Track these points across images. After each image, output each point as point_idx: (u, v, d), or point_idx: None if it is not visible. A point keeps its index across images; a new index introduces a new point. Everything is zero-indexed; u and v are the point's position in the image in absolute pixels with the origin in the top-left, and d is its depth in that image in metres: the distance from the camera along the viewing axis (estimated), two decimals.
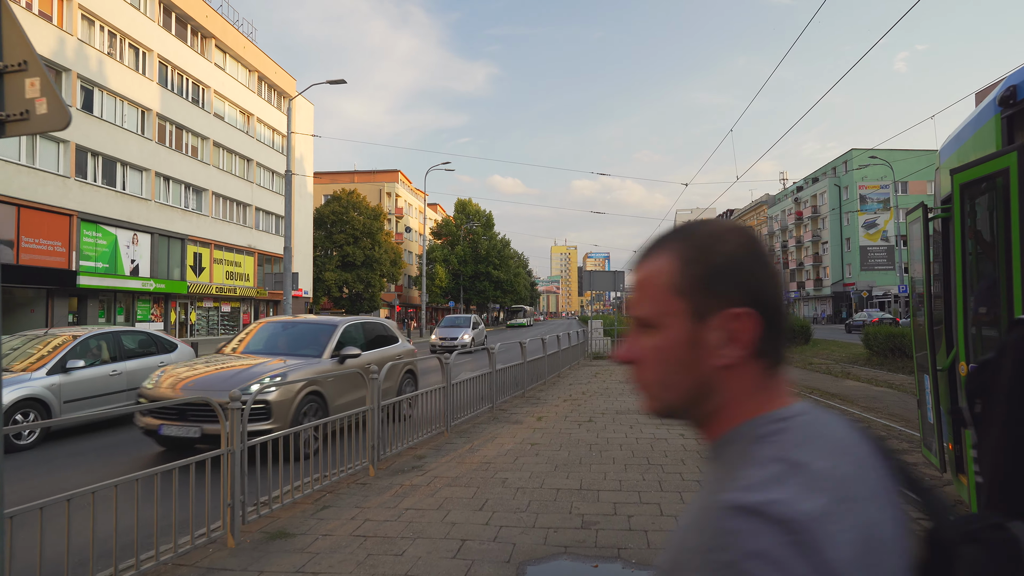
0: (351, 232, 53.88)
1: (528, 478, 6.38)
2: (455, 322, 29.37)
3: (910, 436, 8.64)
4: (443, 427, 8.61)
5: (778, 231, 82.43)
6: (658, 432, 8.70)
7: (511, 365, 12.37)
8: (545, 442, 8.14)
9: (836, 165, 70.09)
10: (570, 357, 19.16)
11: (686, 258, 0.78)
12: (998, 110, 3.84)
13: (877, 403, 11.69)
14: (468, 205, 78.84)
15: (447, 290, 72.35)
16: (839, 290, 66.54)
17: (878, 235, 63.86)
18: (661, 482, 6.19)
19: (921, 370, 5.45)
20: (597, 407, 11.01)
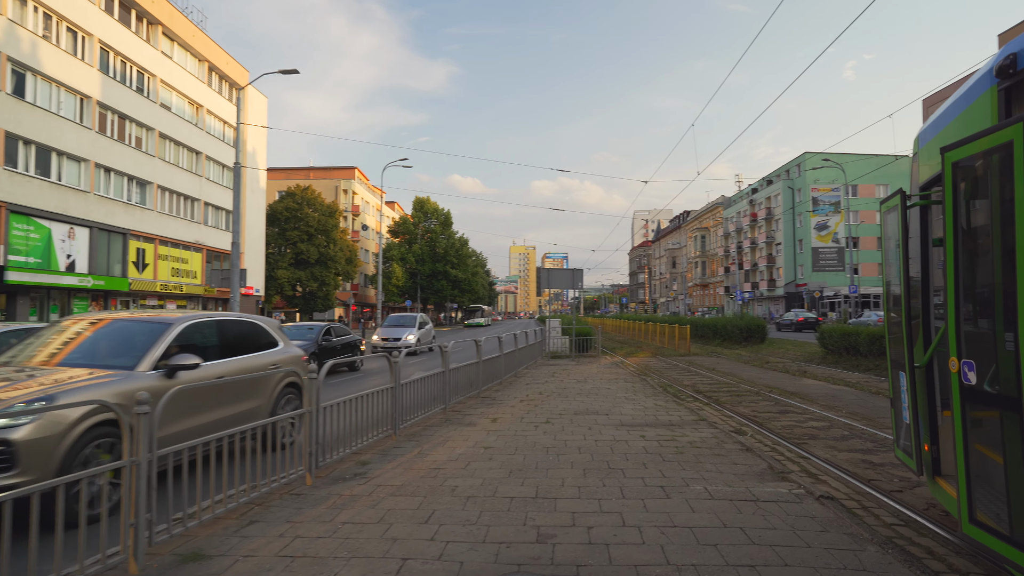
0: (305, 229, 52.54)
1: (480, 485, 5.89)
2: (400, 321, 27.62)
3: (873, 435, 8.43)
4: (391, 430, 8.05)
5: (733, 232, 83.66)
6: (618, 434, 8.30)
7: (466, 364, 11.87)
8: (499, 445, 7.66)
9: (790, 168, 71.43)
10: (527, 356, 18.73)
11: None
12: (994, 82, 3.50)
13: (837, 401, 11.55)
14: (426, 203, 77.93)
15: (404, 289, 71.33)
16: (792, 290, 67.81)
17: (829, 237, 65.26)
18: (623, 488, 5.76)
19: (896, 367, 5.14)
20: (555, 408, 10.58)
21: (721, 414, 10.20)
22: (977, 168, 3.45)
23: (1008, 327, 3.24)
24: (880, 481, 6.21)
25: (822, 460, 7.05)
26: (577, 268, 22.79)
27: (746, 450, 7.31)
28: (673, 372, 17.83)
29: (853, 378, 15.41)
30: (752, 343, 29.01)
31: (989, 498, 3.57)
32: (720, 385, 14.51)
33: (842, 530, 4.67)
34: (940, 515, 5.17)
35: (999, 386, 3.30)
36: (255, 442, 6.05)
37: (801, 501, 5.36)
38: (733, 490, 5.68)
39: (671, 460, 6.84)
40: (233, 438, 5.19)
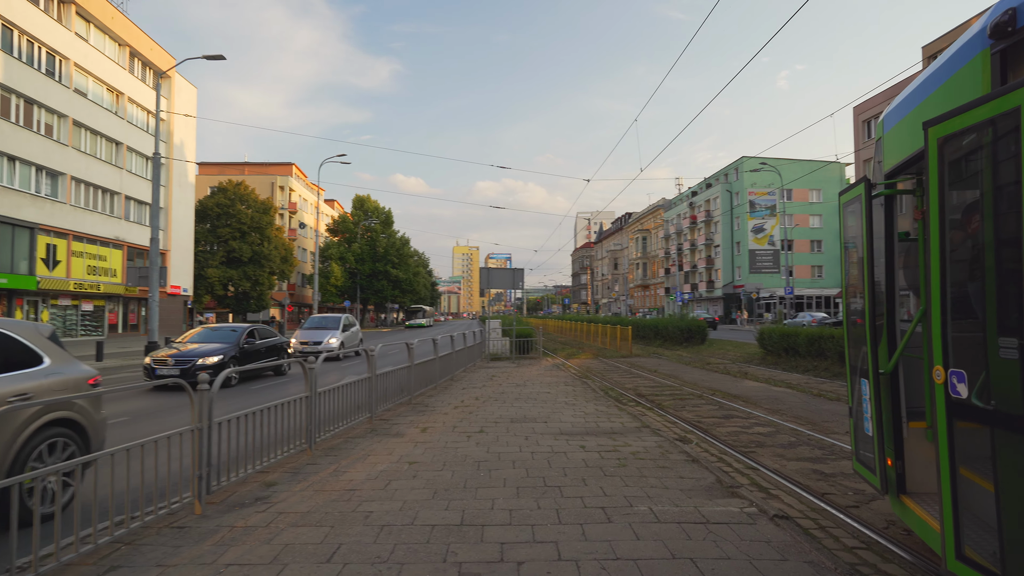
0: (238, 226, 50.36)
1: (398, 511, 5.16)
2: (322, 323, 24.97)
3: (820, 442, 8.07)
4: (306, 444, 7.23)
5: (674, 234, 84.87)
6: (557, 444, 7.69)
7: (397, 368, 11.08)
8: (426, 460, 6.94)
9: (728, 171, 72.87)
10: (465, 359, 18.02)
11: None
12: (988, 43, 3.01)
13: (780, 404, 11.27)
14: (367, 202, 76.17)
15: (343, 289, 69.44)
16: (730, 292, 69.16)
17: (765, 239, 66.83)
18: (559, 511, 5.13)
19: (859, 374, 4.67)
20: (490, 415, 9.91)
21: (665, 420, 9.73)
22: (971, 143, 2.94)
23: (1007, 331, 2.74)
24: (834, 495, 5.77)
25: (772, 471, 6.60)
26: (518, 268, 22.21)
27: (692, 461, 6.80)
28: (615, 374, 17.42)
29: (793, 379, 15.30)
30: (693, 344, 29.06)
31: (977, 531, 3.08)
32: (663, 388, 14.14)
33: (802, 557, 4.15)
34: (901, 534, 4.74)
35: (996, 401, 2.80)
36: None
37: (755, 522, 4.84)
38: (681, 510, 5.13)
39: (613, 474, 6.26)
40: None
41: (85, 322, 33.98)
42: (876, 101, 43.60)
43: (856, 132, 46.70)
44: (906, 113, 4.10)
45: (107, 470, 4.37)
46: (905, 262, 4.70)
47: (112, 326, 36.43)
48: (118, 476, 4.46)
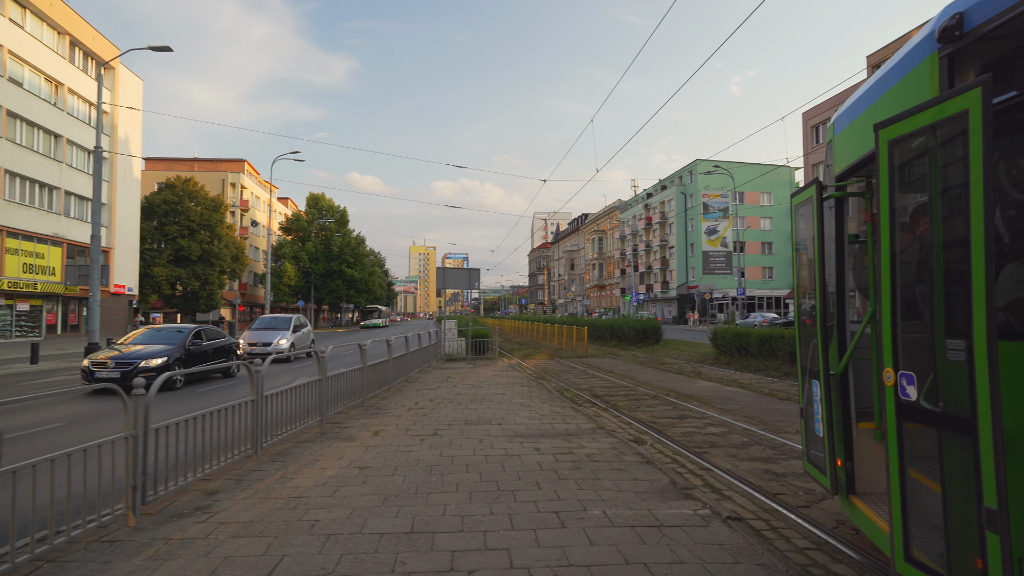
0: (186, 224, 48.92)
1: (346, 518, 4.98)
2: (272, 323, 23.96)
3: (772, 441, 8.17)
4: (252, 449, 6.96)
5: (629, 235, 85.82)
6: (511, 447, 7.60)
7: (350, 370, 10.83)
8: (377, 464, 6.76)
9: (683, 173, 74.06)
10: (420, 360, 17.80)
11: None
12: (936, 47, 3.02)
13: (733, 404, 11.41)
14: (321, 200, 74.88)
15: (297, 289, 68.09)
16: (684, 292, 70.27)
17: (718, 241, 68.14)
18: (512, 516, 5.03)
19: (809, 375, 4.70)
20: (444, 417, 9.76)
21: (620, 420, 9.74)
22: (920, 146, 2.94)
23: (955, 333, 2.74)
24: (786, 495, 5.82)
25: (725, 472, 6.63)
26: (475, 268, 22.07)
27: (646, 462, 6.78)
28: (571, 375, 17.44)
29: (745, 379, 15.55)
30: (648, 344, 29.36)
31: (925, 532, 3.10)
32: (618, 388, 14.19)
33: (754, 560, 4.14)
34: (851, 534, 4.78)
35: (944, 403, 2.80)
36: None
37: (708, 524, 4.83)
38: (635, 513, 5.08)
39: (567, 477, 6.19)
40: None
41: (21, 322, 32.48)
42: (824, 107, 44.88)
43: (805, 137, 47.97)
44: (856, 116, 4.13)
45: (28, 483, 4.07)
46: (855, 264, 4.75)
47: (51, 327, 34.92)
48: (42, 488, 4.18)
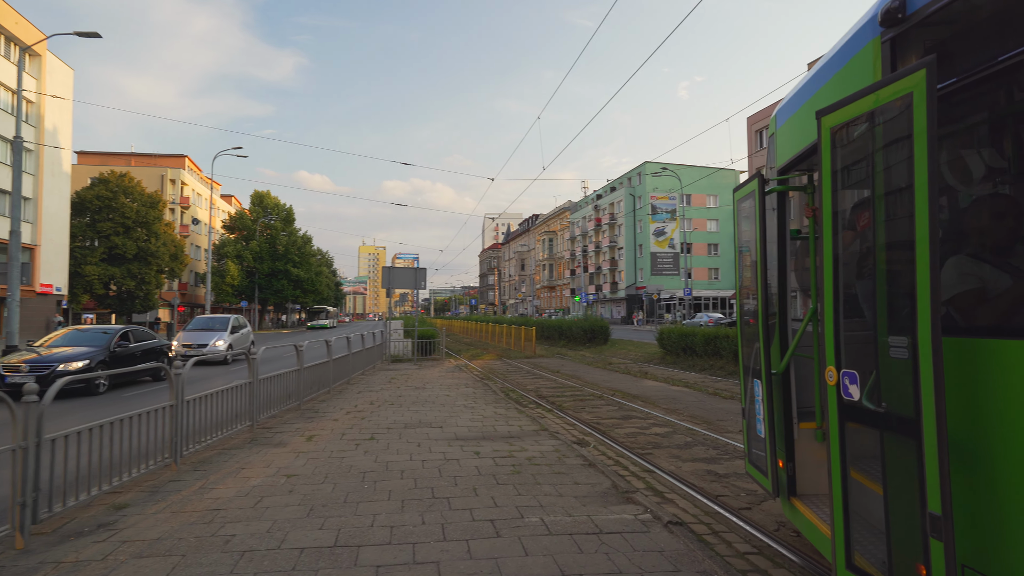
0: (121, 221, 46.86)
1: (265, 532, 4.62)
2: (209, 324, 22.95)
3: (715, 441, 8.11)
4: (171, 458, 6.50)
5: (579, 236, 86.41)
6: (450, 451, 7.32)
7: (285, 372, 10.37)
8: (307, 472, 6.39)
9: (632, 175, 74.98)
10: (364, 361, 17.33)
11: None
12: (878, 31, 2.89)
13: (677, 404, 11.38)
14: (266, 198, 72.92)
15: (240, 289, 66.12)
16: (632, 293, 71.11)
17: (666, 243, 69.21)
18: (445, 526, 4.76)
19: (751, 374, 4.57)
20: (384, 420, 9.41)
21: (564, 422, 9.56)
22: (864, 132, 2.80)
23: (898, 330, 2.60)
24: (727, 497, 5.71)
25: (667, 473, 6.50)
26: (421, 268, 21.69)
27: (589, 465, 6.60)
28: (517, 375, 17.24)
29: (691, 378, 15.63)
30: (596, 344, 29.44)
31: (868, 537, 2.96)
32: (564, 389, 14.05)
33: (694, 568, 3.97)
34: (791, 536, 4.68)
35: (887, 402, 2.66)
36: None
37: (648, 530, 4.65)
38: (574, 520, 4.87)
39: (506, 483, 5.95)
40: None
41: None
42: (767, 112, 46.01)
43: (749, 140, 49.09)
44: (799, 107, 4.01)
45: None
46: (797, 260, 4.65)
47: None
48: None
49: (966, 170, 2.88)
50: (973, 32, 2.70)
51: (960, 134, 2.93)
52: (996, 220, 2.65)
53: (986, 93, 2.75)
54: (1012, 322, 2.51)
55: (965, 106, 2.84)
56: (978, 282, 2.61)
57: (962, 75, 2.65)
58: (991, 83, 2.62)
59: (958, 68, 2.69)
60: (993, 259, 2.63)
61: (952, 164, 2.92)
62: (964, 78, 2.63)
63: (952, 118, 2.85)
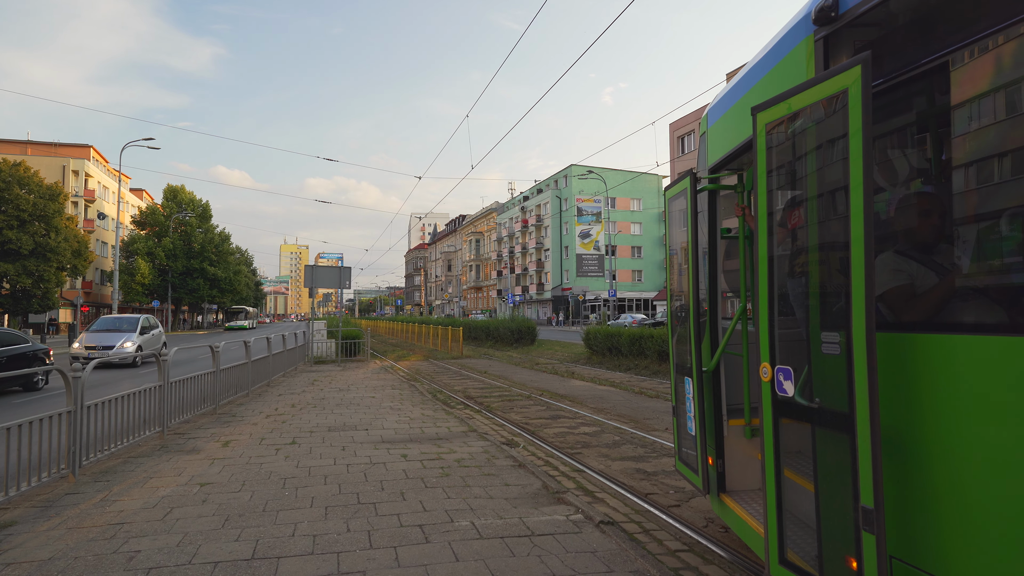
0: (15, 213, 43.46)
1: (175, 546, 4.29)
2: (116, 324, 21.31)
3: (642, 439, 8.20)
4: (67, 469, 5.99)
5: (506, 237, 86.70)
6: (376, 454, 7.08)
7: (200, 374, 9.81)
8: (223, 480, 6.02)
9: (558, 178, 75.83)
10: (285, 362, 16.70)
11: None
12: (811, 30, 2.92)
13: (605, 403, 11.49)
14: (180, 192, 69.53)
15: (152, 288, 62.70)
16: (559, 294, 71.90)
17: (591, 245, 70.33)
18: (371, 533, 4.56)
19: (681, 372, 4.59)
20: (306, 423, 9.04)
21: (492, 423, 9.46)
22: (799, 128, 2.81)
23: (830, 325, 2.62)
24: (657, 495, 5.74)
25: (597, 473, 6.50)
26: (345, 267, 21.15)
27: (519, 466, 6.52)
28: (444, 376, 17.03)
29: (617, 378, 15.85)
30: (523, 344, 29.53)
31: (800, 533, 2.99)
32: (492, 389, 13.96)
33: (627, 567, 3.93)
34: (720, 532, 4.73)
35: (819, 398, 2.68)
36: None
37: (580, 530, 4.60)
38: (505, 523, 4.76)
39: (435, 486, 5.78)
40: None
41: None
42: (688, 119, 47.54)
43: (672, 146, 50.55)
44: (730, 105, 4.05)
45: None
46: (728, 258, 4.70)
47: None
48: None
49: (894, 169, 2.95)
50: (901, 34, 2.76)
51: (888, 134, 3.00)
52: (922, 218, 2.71)
53: (912, 94, 2.81)
54: (939, 317, 2.57)
55: (892, 106, 2.91)
56: (907, 278, 2.66)
57: (889, 75, 2.70)
58: (917, 84, 2.68)
59: (886, 68, 2.75)
60: (920, 256, 2.69)
61: (881, 163, 2.99)
62: (891, 78, 2.69)
63: (879, 118, 2.91)
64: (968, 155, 2.59)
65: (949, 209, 2.67)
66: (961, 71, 2.46)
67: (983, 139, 2.51)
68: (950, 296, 2.55)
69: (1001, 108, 2.39)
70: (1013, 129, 2.36)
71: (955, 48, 2.41)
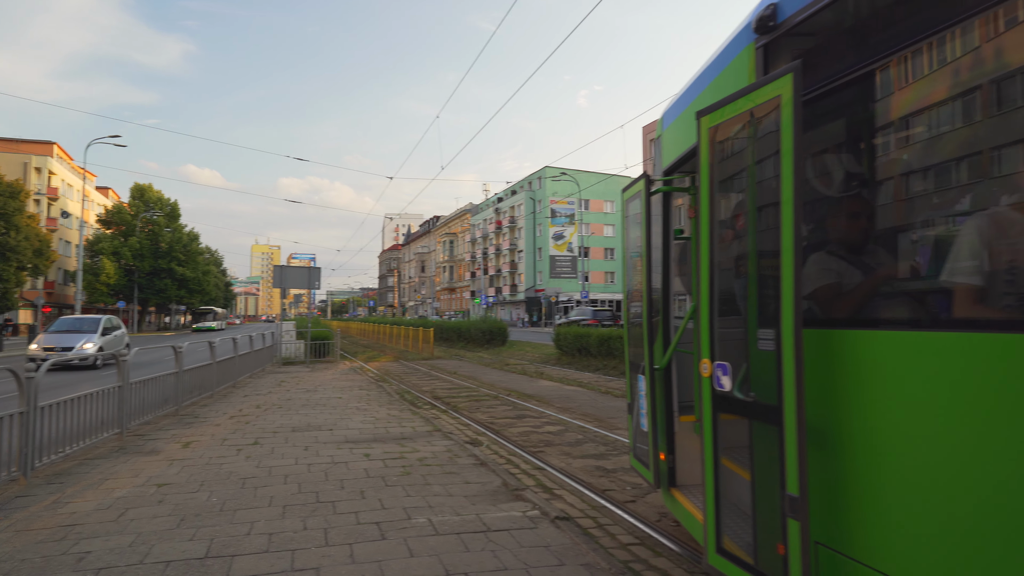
0: None
1: (128, 547, 4.26)
2: (76, 325, 20.95)
3: (604, 438, 8.31)
4: (18, 471, 5.89)
5: (480, 238, 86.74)
6: (339, 454, 7.08)
7: (162, 375, 9.70)
8: (181, 480, 5.97)
9: (532, 179, 76.06)
10: (252, 363, 16.55)
11: None
12: (753, 38, 3.03)
13: (571, 403, 11.59)
14: (148, 191, 68.29)
15: (118, 288, 61.46)
16: (532, 295, 72.10)
17: (565, 246, 70.67)
18: (328, 530, 4.57)
19: (635, 370, 4.70)
20: (270, 424, 8.99)
21: (458, 422, 9.50)
22: (739, 133, 2.92)
23: (765, 323, 2.73)
24: (614, 491, 5.84)
25: (557, 470, 6.58)
26: (315, 267, 21.01)
27: (480, 464, 6.57)
28: (413, 377, 17.02)
29: (585, 378, 15.98)
30: (494, 345, 29.58)
31: (737, 522, 3.09)
32: (460, 390, 13.99)
33: (578, 560, 4.01)
34: (672, 526, 4.84)
35: (755, 392, 2.79)
36: None
37: (536, 526, 4.67)
38: (461, 519, 4.82)
39: (395, 484, 5.81)
40: None
41: None
42: None
43: (644, 148, 51.04)
44: (683, 109, 4.15)
45: None
46: (681, 259, 4.81)
47: None
48: None
49: (827, 172, 3.06)
50: (834, 44, 2.87)
51: (822, 138, 3.12)
52: (851, 220, 2.83)
53: (844, 100, 2.93)
54: (861, 313, 2.69)
55: (826, 112, 3.03)
56: (835, 277, 2.78)
57: (824, 82, 2.81)
58: (848, 91, 2.80)
59: (821, 76, 2.86)
60: (848, 255, 2.81)
61: (814, 166, 3.10)
62: (825, 85, 2.80)
63: (815, 123, 3.03)
64: (894, 161, 2.72)
65: (875, 212, 2.79)
66: (887, 80, 2.58)
67: (907, 146, 2.63)
68: (872, 294, 2.67)
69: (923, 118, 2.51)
70: (933, 138, 2.48)
71: (881, 58, 2.53)
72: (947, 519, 2.09)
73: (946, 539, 2.10)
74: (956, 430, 2.08)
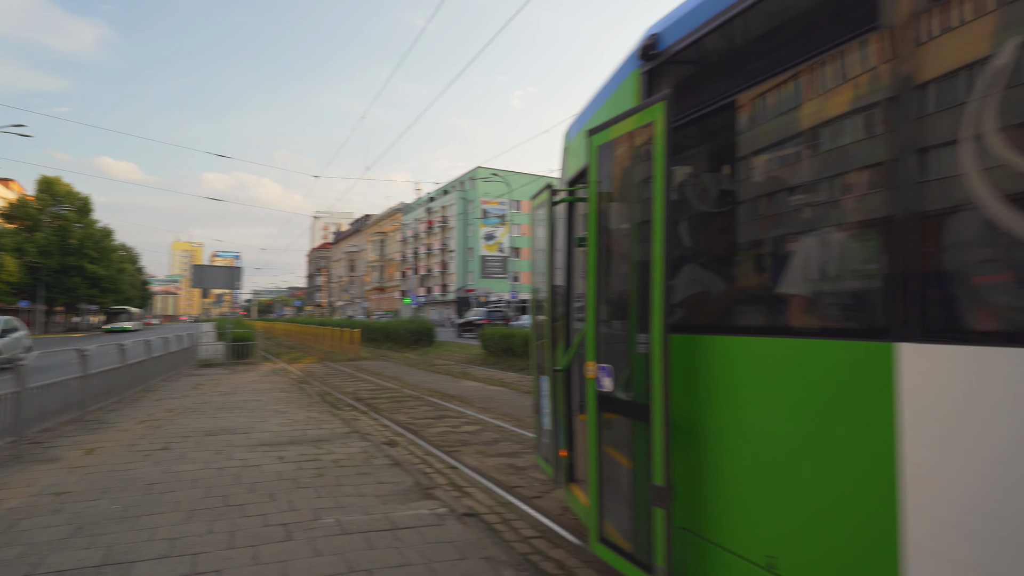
0: None
1: (16, 558, 4.14)
2: None
3: (520, 437, 8.52)
4: None
5: (411, 238, 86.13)
6: (252, 457, 7.01)
7: (65, 379, 9.31)
8: (80, 488, 5.80)
9: (464, 180, 76.07)
10: (167, 366, 16.00)
11: None
12: (638, 64, 3.27)
13: (492, 403, 11.77)
14: (56, 184, 64.49)
15: (20, 286, 57.75)
16: (462, 295, 72.08)
17: (496, 246, 71.02)
18: (234, 533, 4.57)
19: (539, 371, 4.91)
20: (182, 428, 8.77)
21: (377, 424, 9.52)
22: (620, 153, 3.15)
23: (640, 329, 2.96)
24: (522, 487, 6.04)
25: (471, 469, 6.73)
26: (236, 267, 20.46)
27: (395, 464, 6.66)
28: (337, 378, 16.84)
29: (508, 378, 16.21)
30: (422, 345, 29.51)
31: (617, 512, 3.32)
32: (383, 391, 13.96)
33: (479, 554, 4.18)
34: (573, 520, 5.06)
35: (633, 392, 3.02)
36: None
37: (443, 523, 4.81)
38: (370, 519, 4.90)
39: (307, 486, 5.83)
40: None
41: None
42: None
43: None
44: (583, 124, 4.39)
45: None
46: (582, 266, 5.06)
47: None
48: None
49: (700, 190, 3.33)
50: (707, 73, 3.14)
51: (694, 159, 3.39)
52: (712, 235, 3.12)
53: (712, 126, 3.20)
54: (719, 320, 2.97)
55: (698, 135, 3.30)
56: (702, 287, 3.04)
57: (698, 107, 3.07)
58: (715, 117, 3.06)
59: (697, 101, 3.12)
60: (714, 267, 3.08)
61: (688, 184, 3.37)
62: (697, 110, 3.05)
63: (689, 144, 3.30)
64: (753, 184, 3.00)
65: (735, 229, 3.07)
66: (749, 109, 2.85)
67: (764, 171, 2.91)
68: (728, 302, 2.95)
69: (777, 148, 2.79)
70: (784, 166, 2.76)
71: (744, 88, 2.79)
72: (788, 506, 2.36)
73: (787, 521, 2.36)
74: (792, 426, 2.35)
